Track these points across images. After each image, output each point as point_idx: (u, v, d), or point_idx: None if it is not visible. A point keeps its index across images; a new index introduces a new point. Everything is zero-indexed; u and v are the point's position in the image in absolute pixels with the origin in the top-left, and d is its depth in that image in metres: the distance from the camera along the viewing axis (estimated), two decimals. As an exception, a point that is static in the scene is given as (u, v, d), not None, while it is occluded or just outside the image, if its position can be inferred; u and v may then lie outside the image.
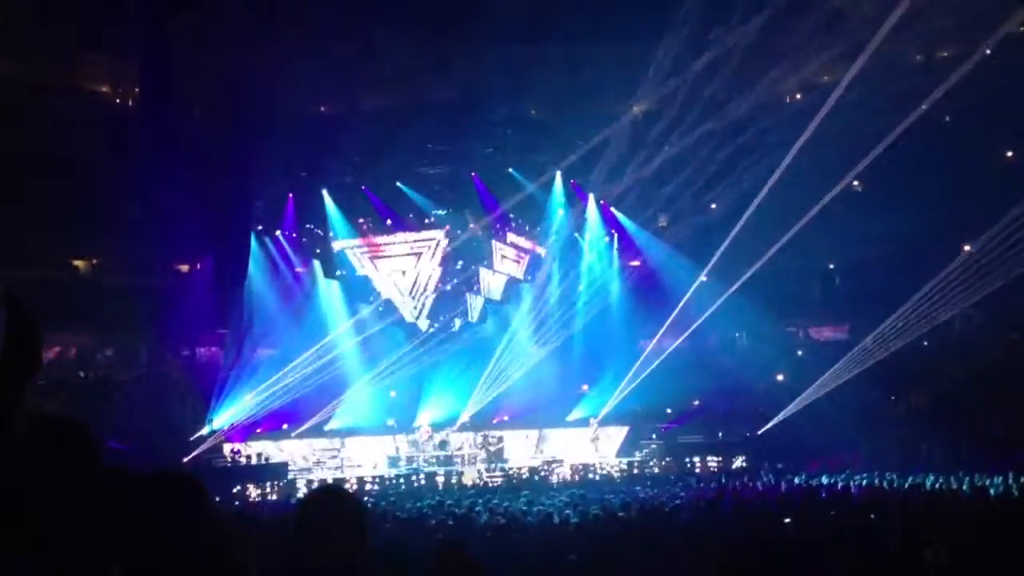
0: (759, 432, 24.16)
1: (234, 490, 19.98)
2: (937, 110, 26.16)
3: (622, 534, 8.47)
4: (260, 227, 28.41)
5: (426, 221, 28.43)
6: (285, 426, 25.08)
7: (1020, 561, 6.65)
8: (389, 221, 28.34)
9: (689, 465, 23.93)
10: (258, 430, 24.64)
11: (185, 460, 21.46)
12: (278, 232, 28.31)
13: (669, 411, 26.30)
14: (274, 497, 20.30)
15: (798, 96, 28.68)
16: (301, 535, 2.67)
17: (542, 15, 24.20)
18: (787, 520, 9.08)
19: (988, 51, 25.50)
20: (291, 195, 28.24)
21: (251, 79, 25.61)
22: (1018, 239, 20.75)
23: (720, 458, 23.89)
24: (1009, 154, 28.22)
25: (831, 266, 30.11)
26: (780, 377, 27.25)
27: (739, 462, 23.61)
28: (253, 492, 20.44)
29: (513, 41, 26.03)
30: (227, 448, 23.69)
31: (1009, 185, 24.87)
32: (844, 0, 24.45)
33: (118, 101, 29.99)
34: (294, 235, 28.61)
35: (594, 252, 29.54)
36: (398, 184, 28.29)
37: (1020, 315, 24.72)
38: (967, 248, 24.92)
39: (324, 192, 27.68)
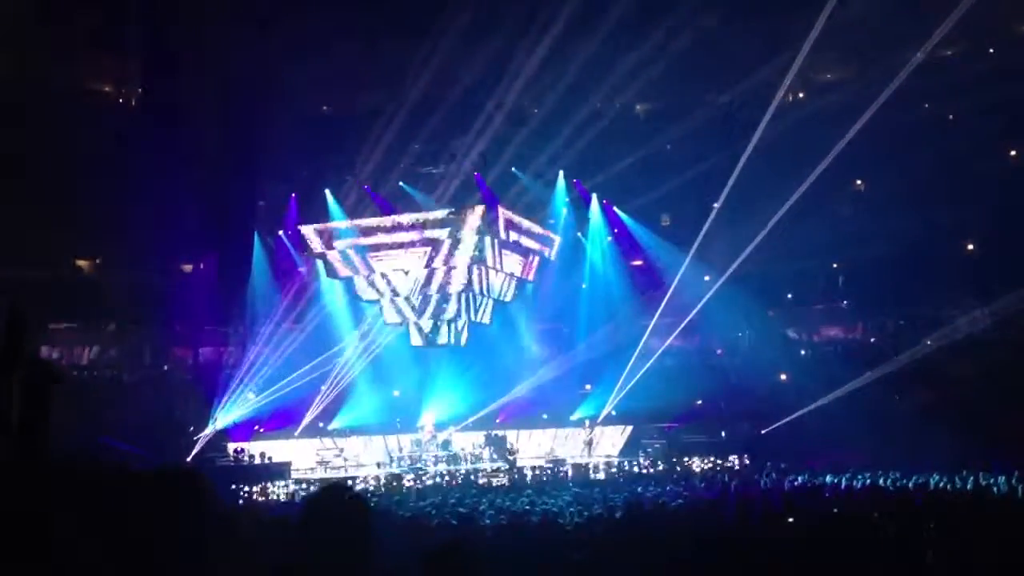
0: (763, 432, 24.11)
1: (237, 489, 19.98)
2: (941, 109, 26.16)
3: (625, 533, 8.46)
4: (263, 227, 28.45)
5: (428, 220, 28.27)
6: (288, 426, 25.09)
7: (1023, 561, 6.62)
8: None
9: (692, 464, 23.89)
10: (261, 429, 24.66)
11: (188, 459, 21.48)
12: (281, 232, 28.32)
13: (672, 411, 26.26)
14: (277, 496, 20.31)
15: (801, 95, 28.67)
16: (305, 533, 2.67)
17: (546, 13, 24.20)
18: (790, 520, 9.05)
19: (991, 50, 25.48)
20: (293, 195, 28.25)
21: (253, 79, 25.64)
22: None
23: (723, 458, 23.85)
24: (1012, 153, 28.16)
25: (835, 265, 30.05)
26: (783, 376, 27.21)
27: (742, 461, 23.56)
28: (256, 491, 20.44)
29: (516, 39, 26.04)
30: (230, 447, 23.70)
31: (1013, 184, 24.86)
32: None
33: (120, 101, 30.03)
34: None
35: (597, 251, 29.52)
36: (400, 184, 28.28)
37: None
38: (970, 247, 24.88)
39: (327, 192, 27.65)
